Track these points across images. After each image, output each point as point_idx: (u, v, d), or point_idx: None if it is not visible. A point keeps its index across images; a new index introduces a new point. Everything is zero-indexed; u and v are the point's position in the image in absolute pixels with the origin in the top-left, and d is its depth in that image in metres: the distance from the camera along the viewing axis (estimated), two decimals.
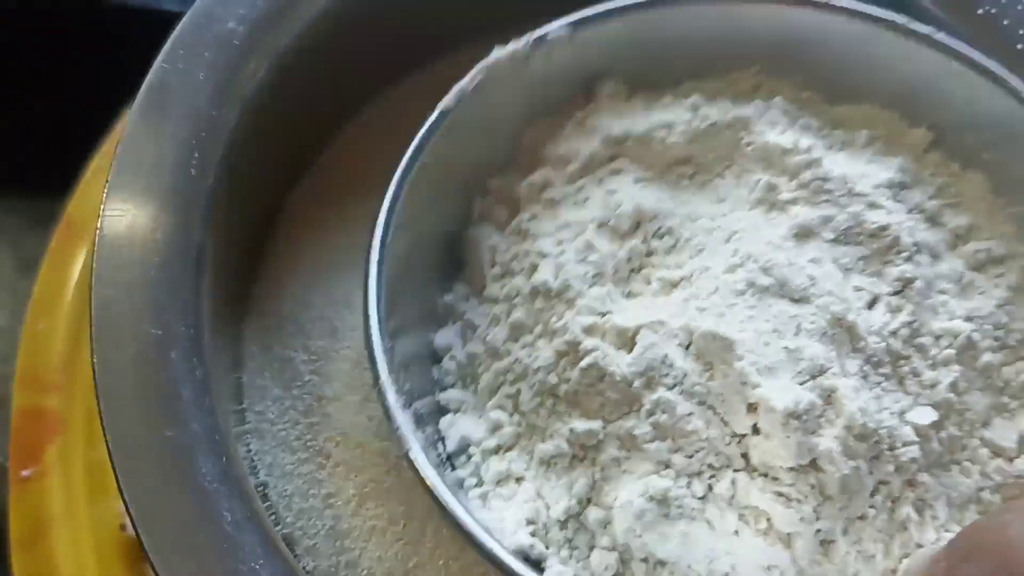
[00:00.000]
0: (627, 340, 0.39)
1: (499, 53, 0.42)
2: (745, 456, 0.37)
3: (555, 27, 0.43)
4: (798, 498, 0.36)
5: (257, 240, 0.48)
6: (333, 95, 0.48)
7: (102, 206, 0.37)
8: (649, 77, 0.48)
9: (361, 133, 0.51)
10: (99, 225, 0.37)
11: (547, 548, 0.37)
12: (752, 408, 0.36)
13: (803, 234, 0.40)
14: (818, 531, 0.36)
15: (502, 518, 0.38)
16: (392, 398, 0.36)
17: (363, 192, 0.45)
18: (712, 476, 0.37)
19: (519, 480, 0.39)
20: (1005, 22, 0.44)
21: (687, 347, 0.38)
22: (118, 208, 0.37)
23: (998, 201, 0.44)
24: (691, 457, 0.37)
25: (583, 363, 0.38)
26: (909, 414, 0.38)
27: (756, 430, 0.36)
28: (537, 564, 0.37)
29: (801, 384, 0.37)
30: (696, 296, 0.40)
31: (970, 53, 0.42)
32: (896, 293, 0.40)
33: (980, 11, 0.44)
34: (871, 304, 0.40)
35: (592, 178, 0.44)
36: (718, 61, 0.47)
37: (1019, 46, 0.43)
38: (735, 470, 0.37)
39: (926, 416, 0.38)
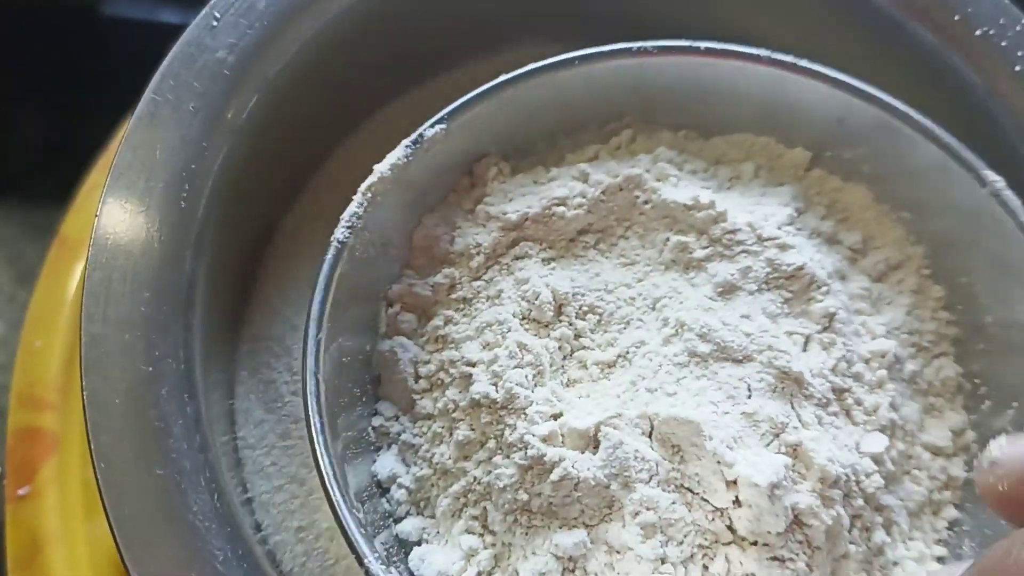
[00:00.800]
0: (589, 439, 0.38)
1: (381, 167, 0.40)
2: (731, 528, 0.37)
3: (429, 125, 0.41)
4: (791, 557, 0.37)
5: (249, 263, 0.47)
6: (323, 120, 0.48)
7: (91, 240, 0.37)
8: (526, 149, 0.46)
9: (352, 155, 0.51)
10: (88, 260, 0.36)
11: None
12: (731, 483, 0.36)
13: (727, 290, 0.40)
14: None
15: None
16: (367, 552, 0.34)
17: None
18: (705, 555, 0.37)
19: None
20: (1003, 43, 0.43)
21: (649, 435, 0.38)
22: (107, 243, 0.37)
23: (882, 208, 0.45)
24: (682, 544, 0.36)
25: (553, 476, 0.36)
26: (863, 444, 0.39)
27: (738, 502, 0.36)
28: None
29: (767, 445, 0.37)
30: (642, 376, 0.39)
31: (834, 74, 0.43)
32: (825, 329, 0.40)
33: (978, 32, 0.44)
34: (805, 345, 0.40)
35: (498, 268, 0.43)
36: (589, 120, 0.47)
37: (1017, 68, 0.43)
38: (724, 544, 0.37)
39: (878, 443, 0.39)
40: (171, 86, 0.40)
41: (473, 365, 0.40)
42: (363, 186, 0.40)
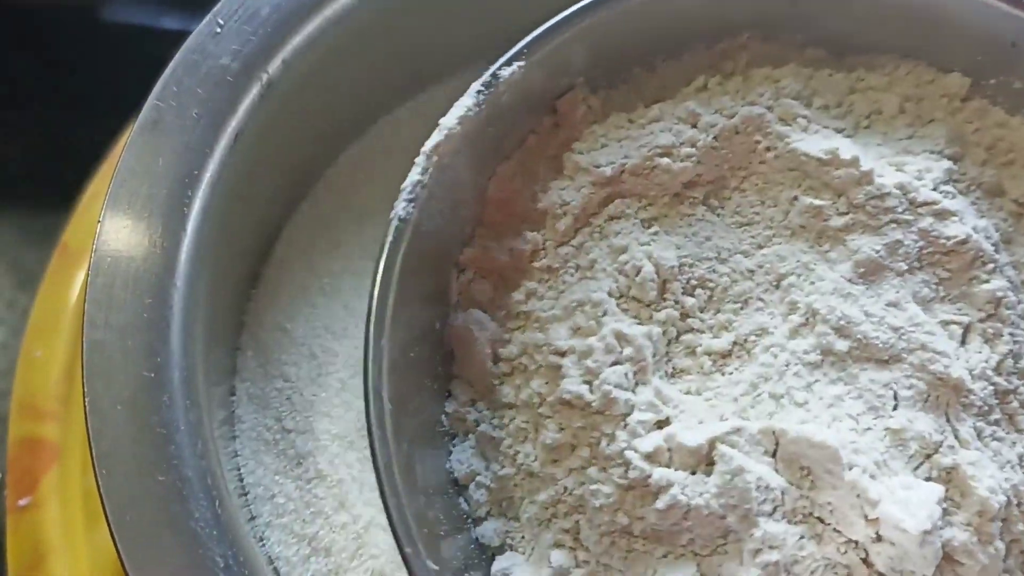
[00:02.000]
0: (701, 457, 0.32)
1: (447, 121, 0.33)
2: (866, 561, 0.31)
3: (504, 62, 0.34)
4: None
5: (253, 267, 0.47)
6: (326, 126, 0.48)
7: (93, 247, 0.36)
8: (619, 75, 0.39)
9: (355, 161, 0.50)
10: (90, 267, 0.36)
11: None
12: (873, 520, 0.30)
13: (871, 270, 0.33)
14: None
15: None
16: None
17: (358, 218, 0.47)
18: None
19: None
20: None
21: (773, 454, 0.32)
22: (110, 249, 0.36)
23: None
24: None
25: (660, 504, 0.31)
26: None
27: (879, 537, 0.31)
28: None
29: (916, 469, 0.31)
30: (764, 378, 0.33)
31: None
32: (989, 317, 0.33)
33: None
34: (964, 337, 0.33)
35: (589, 231, 0.36)
36: (695, 38, 0.39)
37: None
38: None
39: None
40: (174, 93, 0.39)
41: (562, 354, 0.34)
42: (426, 146, 0.33)
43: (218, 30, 0.40)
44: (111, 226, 0.37)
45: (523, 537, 0.35)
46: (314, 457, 0.43)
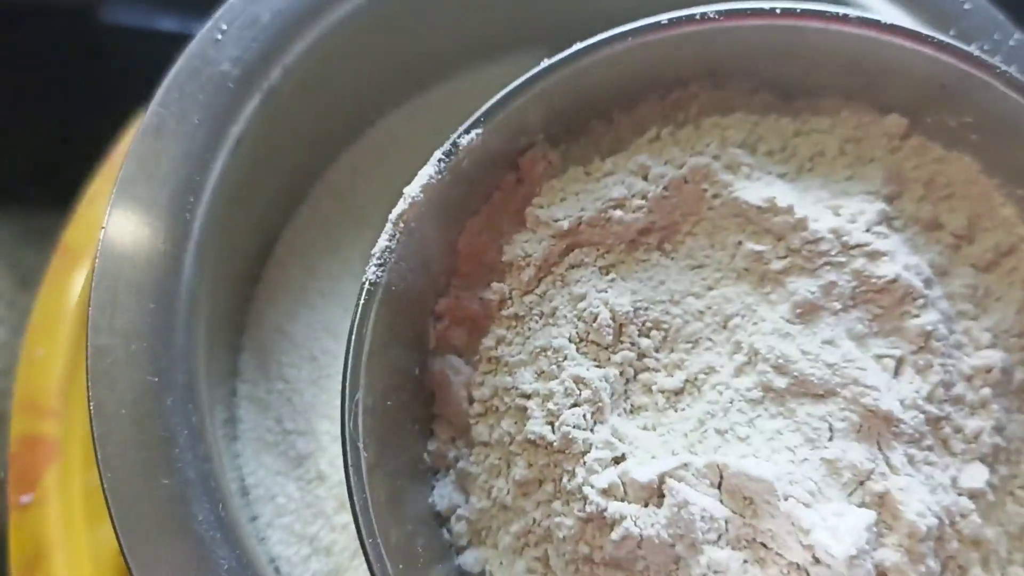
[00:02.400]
0: (653, 491, 0.35)
1: (411, 190, 0.36)
2: None
3: (463, 131, 0.37)
4: None
5: (253, 269, 0.49)
6: (325, 130, 0.49)
7: (97, 252, 0.37)
8: (578, 129, 0.41)
9: (353, 164, 0.52)
10: (94, 272, 0.37)
11: None
12: (807, 545, 0.33)
13: (808, 310, 0.36)
14: None
15: None
16: None
17: (357, 220, 0.49)
18: None
19: None
20: (997, 58, 0.38)
21: (719, 486, 0.35)
22: (113, 254, 0.37)
23: (992, 182, 0.39)
24: None
25: (614, 535, 0.34)
26: (961, 479, 0.36)
27: (816, 559, 0.33)
28: None
29: (850, 495, 0.34)
30: (711, 414, 0.36)
31: (937, 35, 0.37)
32: (920, 349, 0.36)
33: (972, 47, 0.38)
34: (897, 369, 0.36)
35: (551, 279, 0.39)
36: (649, 91, 0.41)
37: None
38: None
39: (978, 477, 0.36)
40: (176, 99, 0.40)
41: (528, 397, 0.37)
42: (393, 214, 0.36)
43: (219, 36, 0.41)
44: (114, 231, 0.38)
45: (501, 563, 0.38)
46: (315, 458, 0.45)
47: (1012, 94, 0.37)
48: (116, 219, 0.38)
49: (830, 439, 0.35)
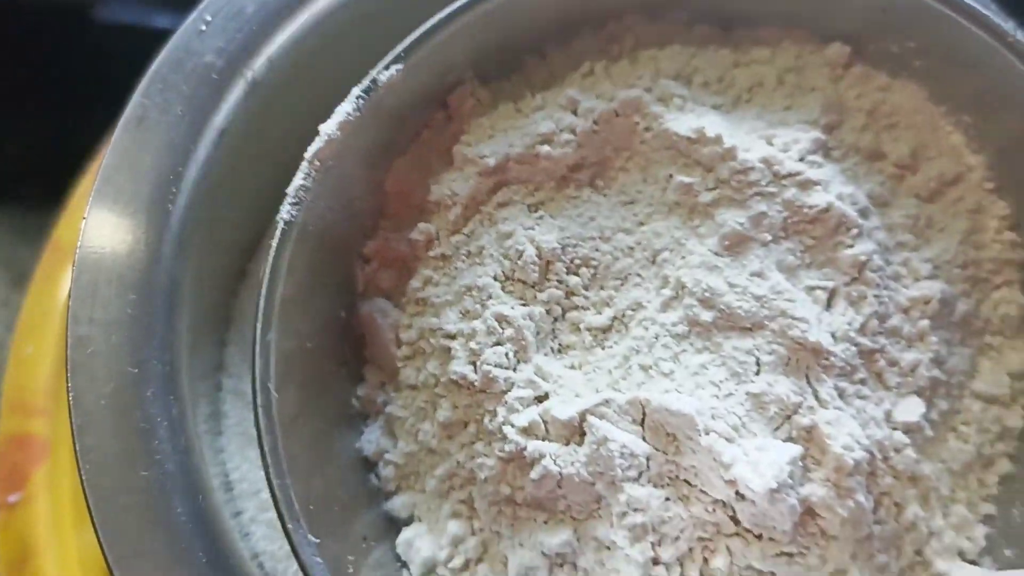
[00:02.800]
0: (574, 429, 0.34)
1: (327, 127, 0.35)
2: (734, 519, 0.33)
3: (383, 67, 0.36)
4: (801, 551, 0.33)
5: (239, 262, 0.47)
6: (311, 122, 0.44)
7: (78, 244, 0.37)
8: (510, 64, 0.40)
9: None
10: (75, 263, 0.37)
11: None
12: (731, 481, 0.32)
13: (736, 242, 0.35)
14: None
15: None
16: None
17: None
18: (705, 548, 0.34)
19: None
20: None
21: (641, 422, 0.34)
22: (94, 245, 0.37)
23: (937, 110, 0.38)
24: (677, 540, 0.33)
25: (534, 474, 0.33)
26: (896, 413, 0.34)
27: (740, 495, 0.32)
28: None
29: (776, 430, 0.33)
30: (636, 350, 0.35)
31: None
32: (854, 280, 0.35)
33: None
34: (830, 301, 0.35)
35: (480, 218, 0.38)
36: (583, 24, 0.40)
37: None
38: (727, 535, 0.33)
39: (914, 410, 0.34)
40: (159, 90, 0.39)
41: (452, 337, 0.36)
42: (308, 152, 0.35)
43: (203, 28, 0.40)
44: (95, 223, 0.37)
45: (428, 508, 0.38)
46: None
47: (955, 16, 0.35)
48: (97, 210, 0.37)
49: (757, 373, 0.33)
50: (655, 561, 0.33)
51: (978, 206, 0.37)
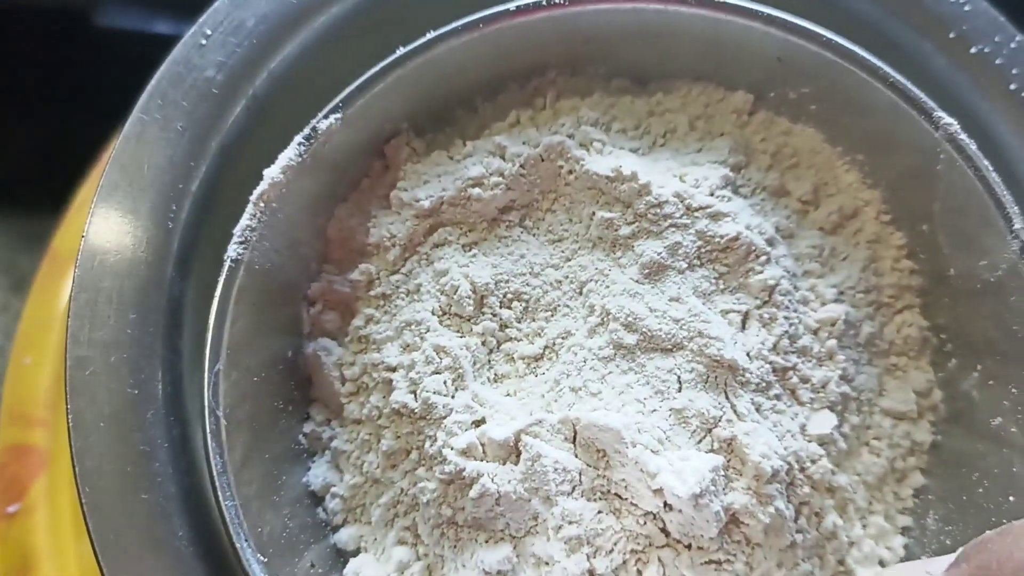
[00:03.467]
0: (510, 449, 0.36)
1: (272, 172, 0.37)
2: (664, 530, 0.35)
3: (322, 116, 0.38)
4: (728, 559, 0.35)
5: None
6: None
7: (76, 261, 0.36)
8: (443, 118, 0.43)
9: None
10: (73, 281, 0.36)
11: None
12: (658, 491, 0.34)
13: (655, 271, 0.37)
14: None
15: None
16: None
17: None
18: (638, 560, 0.35)
19: None
20: (998, 61, 0.40)
21: (573, 439, 0.36)
22: (93, 263, 0.36)
23: (835, 151, 0.41)
24: (611, 552, 0.35)
25: (472, 492, 0.35)
26: (809, 426, 0.37)
27: (668, 506, 0.34)
28: None
29: (699, 443, 0.35)
30: (566, 374, 0.37)
31: (767, 10, 0.39)
32: (765, 303, 0.37)
33: (973, 50, 0.40)
34: (744, 323, 0.37)
35: (417, 258, 0.40)
36: (510, 79, 0.43)
37: (1012, 86, 0.39)
38: (658, 547, 0.35)
39: (826, 423, 0.37)
40: (159, 105, 0.39)
41: (393, 370, 0.38)
42: (254, 195, 0.37)
43: (203, 42, 0.40)
44: (95, 240, 0.37)
45: (374, 539, 0.39)
46: None
47: (843, 62, 0.39)
48: (96, 228, 0.37)
49: (679, 390, 0.36)
50: (591, 573, 0.34)
51: (877, 236, 0.40)
